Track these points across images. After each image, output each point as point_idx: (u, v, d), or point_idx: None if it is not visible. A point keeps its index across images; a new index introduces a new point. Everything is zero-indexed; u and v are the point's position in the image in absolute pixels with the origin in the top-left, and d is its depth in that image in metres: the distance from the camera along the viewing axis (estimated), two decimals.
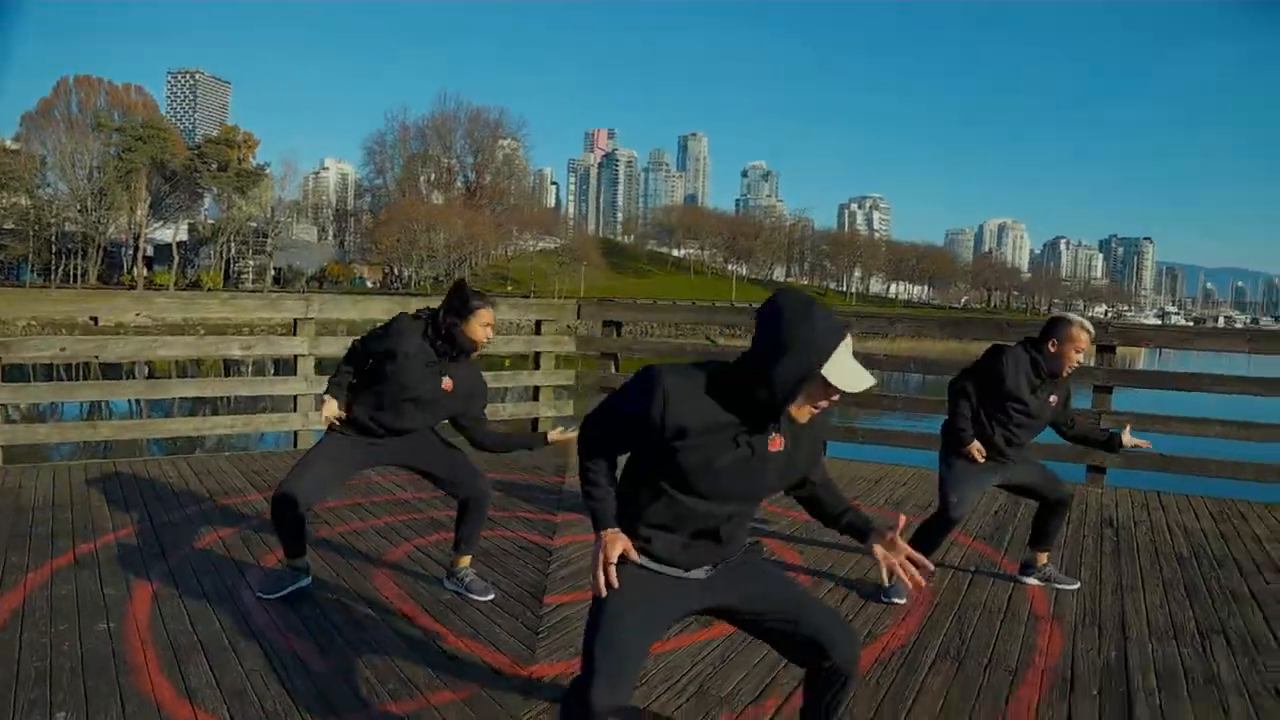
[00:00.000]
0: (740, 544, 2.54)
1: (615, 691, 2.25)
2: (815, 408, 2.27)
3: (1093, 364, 7.47)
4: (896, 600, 4.49)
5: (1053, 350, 4.42)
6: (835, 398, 2.25)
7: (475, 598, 4.38)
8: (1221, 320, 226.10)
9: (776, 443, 2.34)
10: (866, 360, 8.40)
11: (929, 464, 8.05)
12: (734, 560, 2.52)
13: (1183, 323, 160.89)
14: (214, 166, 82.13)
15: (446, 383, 4.25)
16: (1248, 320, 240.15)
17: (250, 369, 23.11)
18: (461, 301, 4.15)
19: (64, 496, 6.02)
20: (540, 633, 4.00)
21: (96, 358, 9.02)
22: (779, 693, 3.47)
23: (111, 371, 18.95)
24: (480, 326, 4.19)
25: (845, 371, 2.19)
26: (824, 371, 2.17)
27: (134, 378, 19.34)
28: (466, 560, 4.54)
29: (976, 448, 4.47)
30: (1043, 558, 4.87)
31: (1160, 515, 6.42)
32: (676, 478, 2.30)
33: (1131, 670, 3.77)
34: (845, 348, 2.21)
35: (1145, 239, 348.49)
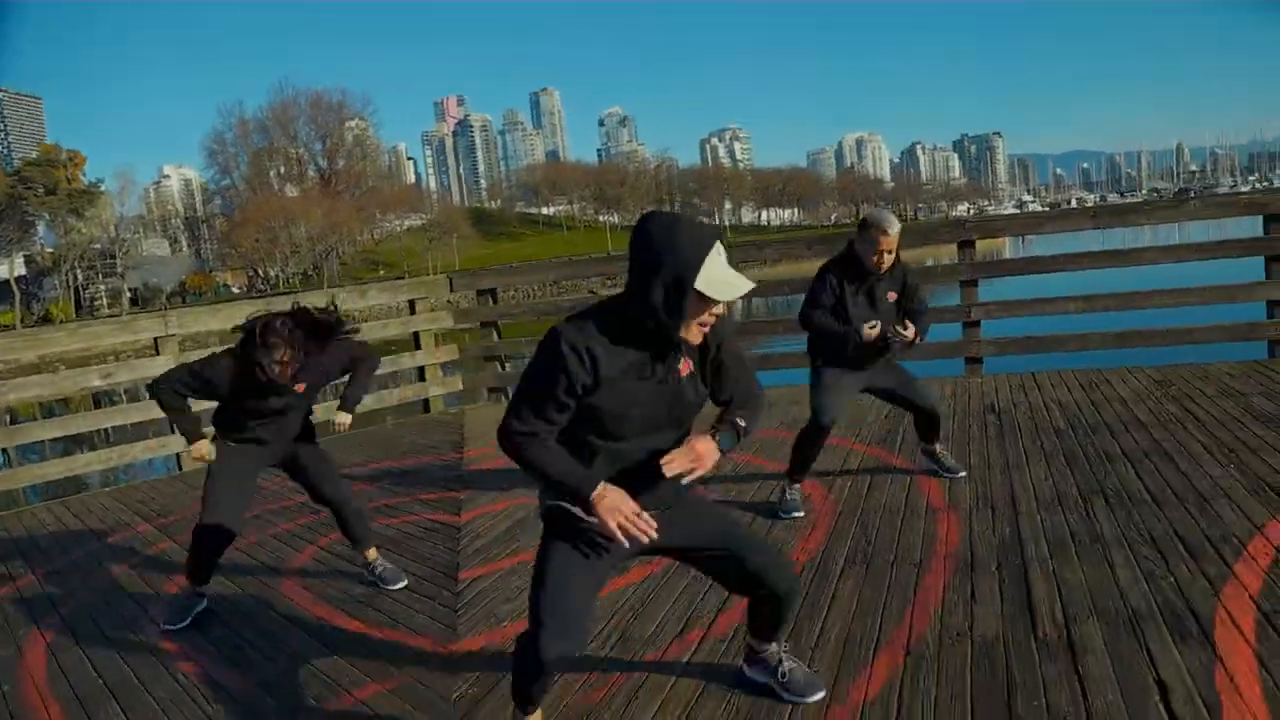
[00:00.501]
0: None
1: (565, 643, 2.32)
2: (702, 325, 2.24)
3: (958, 261, 7.76)
4: (795, 515, 4.67)
5: (859, 251, 4.57)
6: (718, 310, 2.22)
7: (389, 587, 4.36)
8: (1074, 202, 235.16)
9: (685, 366, 2.36)
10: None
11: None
12: (678, 498, 2.52)
13: (1039, 209, 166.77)
14: (40, 190, 77.55)
15: (299, 386, 4.09)
16: (1096, 199, 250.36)
17: (125, 397, 22.11)
18: (261, 343, 3.86)
19: None
20: (458, 610, 4.00)
21: None
22: (701, 624, 3.56)
23: None
24: (274, 367, 3.89)
25: (717, 281, 2.15)
26: (696, 285, 2.13)
27: None
28: (373, 552, 4.52)
29: (868, 325, 4.51)
30: (937, 445, 5.12)
31: (1036, 394, 6.77)
32: (601, 428, 2.29)
33: (1025, 542, 3.99)
34: (715, 257, 2.16)
35: (995, 134, 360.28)
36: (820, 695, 2.86)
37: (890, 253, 4.49)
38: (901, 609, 3.49)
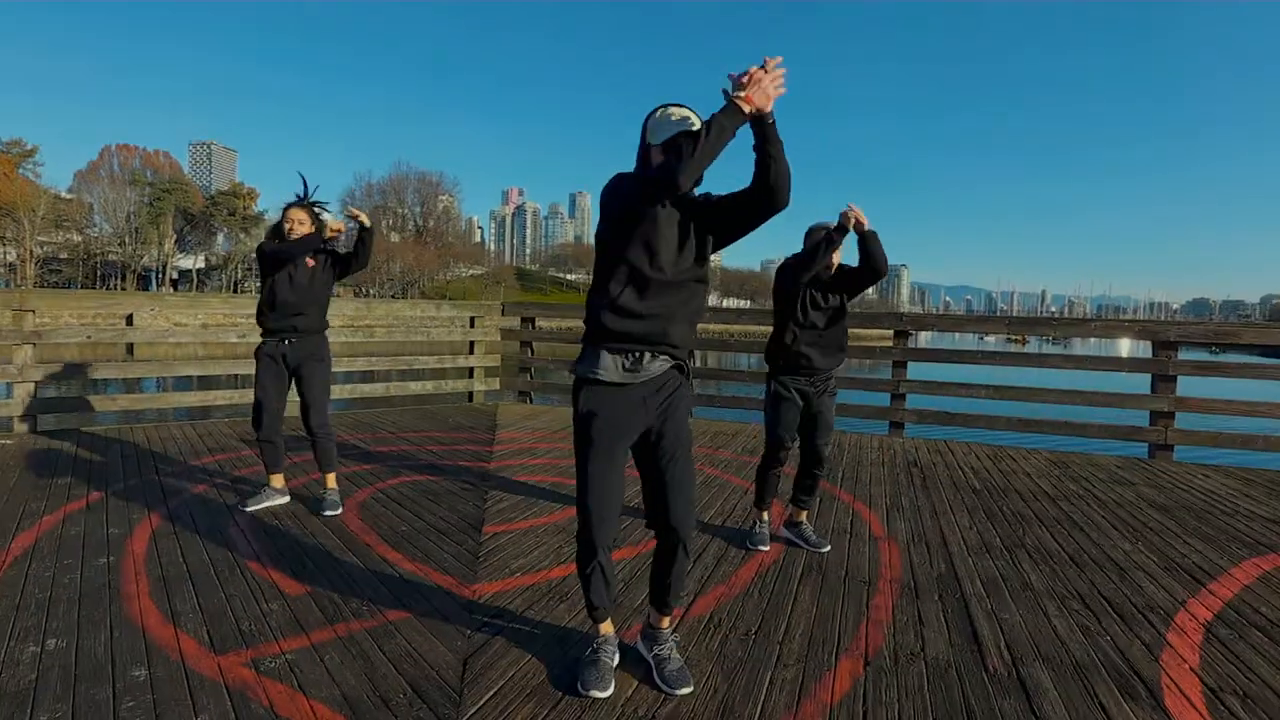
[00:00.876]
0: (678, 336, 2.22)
1: (606, 528, 2.23)
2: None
3: (892, 345, 7.12)
4: (762, 548, 3.66)
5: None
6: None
7: (325, 512, 3.99)
8: None
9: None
10: (722, 341, 8.02)
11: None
12: (670, 386, 2.26)
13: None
14: (225, 212, 79.20)
15: (310, 261, 4.12)
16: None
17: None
18: (282, 216, 4.12)
19: (84, 456, 5.28)
20: (480, 557, 3.45)
21: (127, 356, 7.88)
22: (680, 604, 2.93)
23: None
24: (286, 222, 4.08)
25: (660, 130, 2.16)
26: (650, 141, 2.17)
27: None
28: (331, 480, 4.19)
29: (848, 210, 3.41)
30: (802, 515, 3.83)
31: (951, 458, 6.05)
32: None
33: (961, 579, 3.30)
34: (658, 120, 2.17)
35: (902, 265, 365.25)
36: (686, 690, 2.27)
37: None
38: (857, 621, 2.84)
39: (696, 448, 6.17)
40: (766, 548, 3.66)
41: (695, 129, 2.06)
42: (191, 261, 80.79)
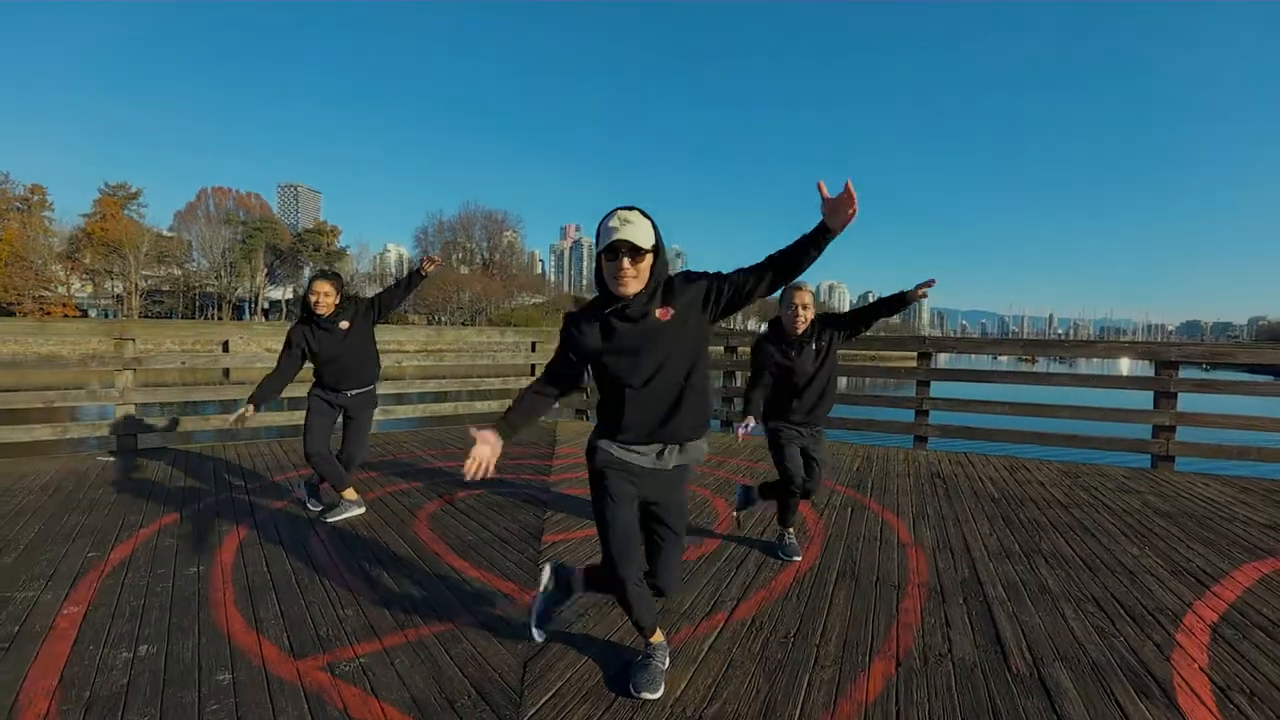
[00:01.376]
0: (687, 426, 2.15)
1: (630, 563, 2.17)
2: (620, 278, 1.98)
3: (916, 365, 7.11)
4: (795, 558, 3.61)
5: (783, 317, 3.61)
6: (623, 263, 1.96)
7: (326, 516, 4.18)
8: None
9: (665, 313, 2.05)
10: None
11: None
12: (673, 468, 2.21)
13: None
14: (310, 248, 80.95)
15: (343, 324, 4.09)
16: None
17: None
18: (309, 289, 4.06)
19: (179, 473, 5.40)
20: (539, 564, 3.46)
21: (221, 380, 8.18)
22: (725, 608, 2.98)
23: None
24: (312, 295, 4.03)
25: (600, 239, 2.00)
26: (599, 250, 2.00)
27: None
28: (350, 492, 4.29)
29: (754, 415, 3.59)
30: (788, 533, 3.79)
31: (971, 469, 6.01)
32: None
33: (984, 583, 3.30)
34: (609, 226, 1.96)
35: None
36: (656, 695, 2.26)
37: (805, 307, 3.51)
38: (888, 624, 2.85)
39: (737, 460, 6.23)
40: (799, 557, 3.65)
41: (618, 239, 1.94)
42: (280, 293, 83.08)
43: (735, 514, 4.09)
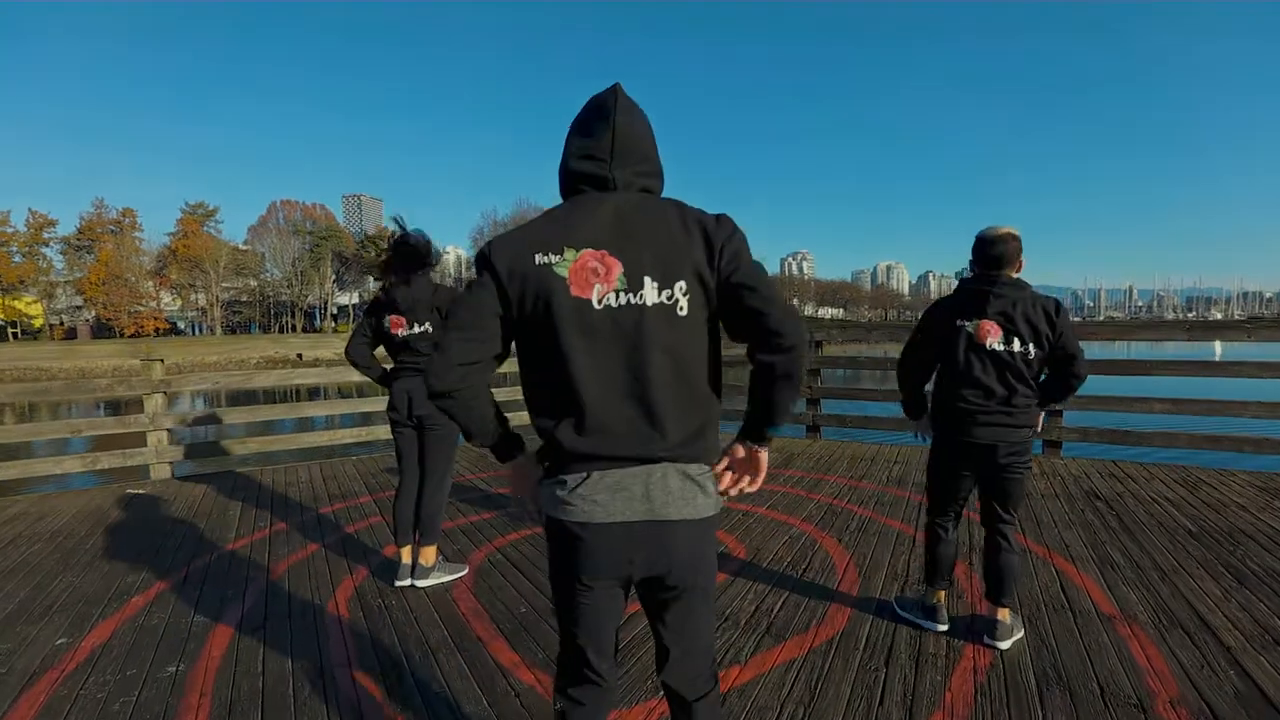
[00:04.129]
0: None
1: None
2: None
3: None
4: (939, 627, 2.69)
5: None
6: None
7: (418, 581, 3.28)
8: (1103, 317, 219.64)
9: None
10: (850, 362, 6.90)
11: (912, 441, 6.50)
12: None
13: None
14: (375, 255, 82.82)
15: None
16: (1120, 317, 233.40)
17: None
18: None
19: (206, 506, 4.87)
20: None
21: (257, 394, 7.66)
22: (738, 663, 1.94)
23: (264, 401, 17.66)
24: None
25: None
26: None
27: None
28: (430, 555, 3.34)
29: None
30: (1004, 613, 2.59)
31: (1133, 485, 4.80)
32: None
33: (1270, 696, 2.18)
34: None
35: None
36: None
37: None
38: None
39: (834, 476, 5.19)
40: (945, 626, 2.68)
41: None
42: (348, 298, 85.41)
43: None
